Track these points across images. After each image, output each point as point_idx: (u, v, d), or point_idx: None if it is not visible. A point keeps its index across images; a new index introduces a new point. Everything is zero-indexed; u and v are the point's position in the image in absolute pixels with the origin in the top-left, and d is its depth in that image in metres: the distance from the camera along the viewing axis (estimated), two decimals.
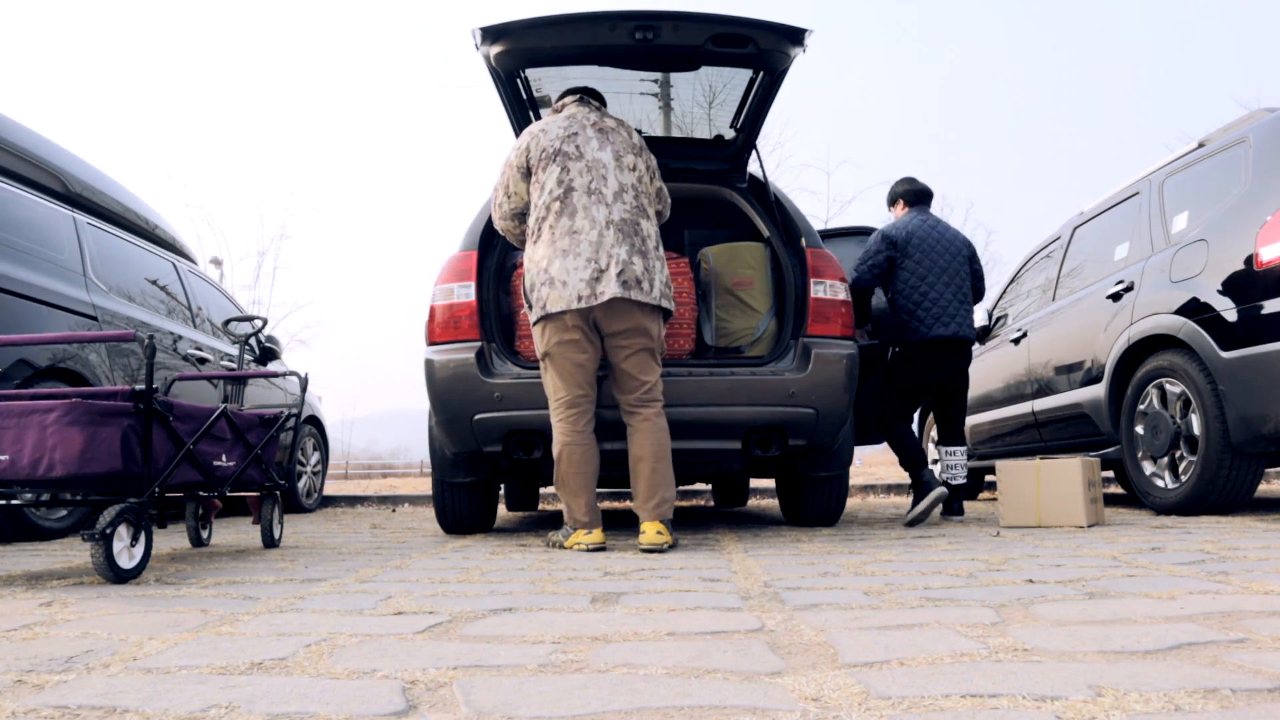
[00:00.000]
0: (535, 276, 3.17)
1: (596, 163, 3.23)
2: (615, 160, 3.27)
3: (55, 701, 1.20)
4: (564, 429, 3.19)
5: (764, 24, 3.36)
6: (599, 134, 3.29)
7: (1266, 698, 1.12)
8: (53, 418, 2.40)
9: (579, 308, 3.09)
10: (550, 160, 3.22)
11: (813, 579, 2.30)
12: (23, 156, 4.51)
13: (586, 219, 3.15)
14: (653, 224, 3.28)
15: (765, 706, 1.13)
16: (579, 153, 3.23)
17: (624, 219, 3.18)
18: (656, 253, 3.23)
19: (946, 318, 4.49)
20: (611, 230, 3.15)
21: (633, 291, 3.10)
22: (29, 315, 3.96)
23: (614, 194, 3.20)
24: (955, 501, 4.66)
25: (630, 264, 3.13)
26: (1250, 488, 3.99)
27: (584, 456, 3.18)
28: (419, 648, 1.52)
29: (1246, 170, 4.02)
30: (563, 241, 3.13)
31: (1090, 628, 1.57)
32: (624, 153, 3.31)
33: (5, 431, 2.40)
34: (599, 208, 3.17)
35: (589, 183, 3.19)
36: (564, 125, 3.29)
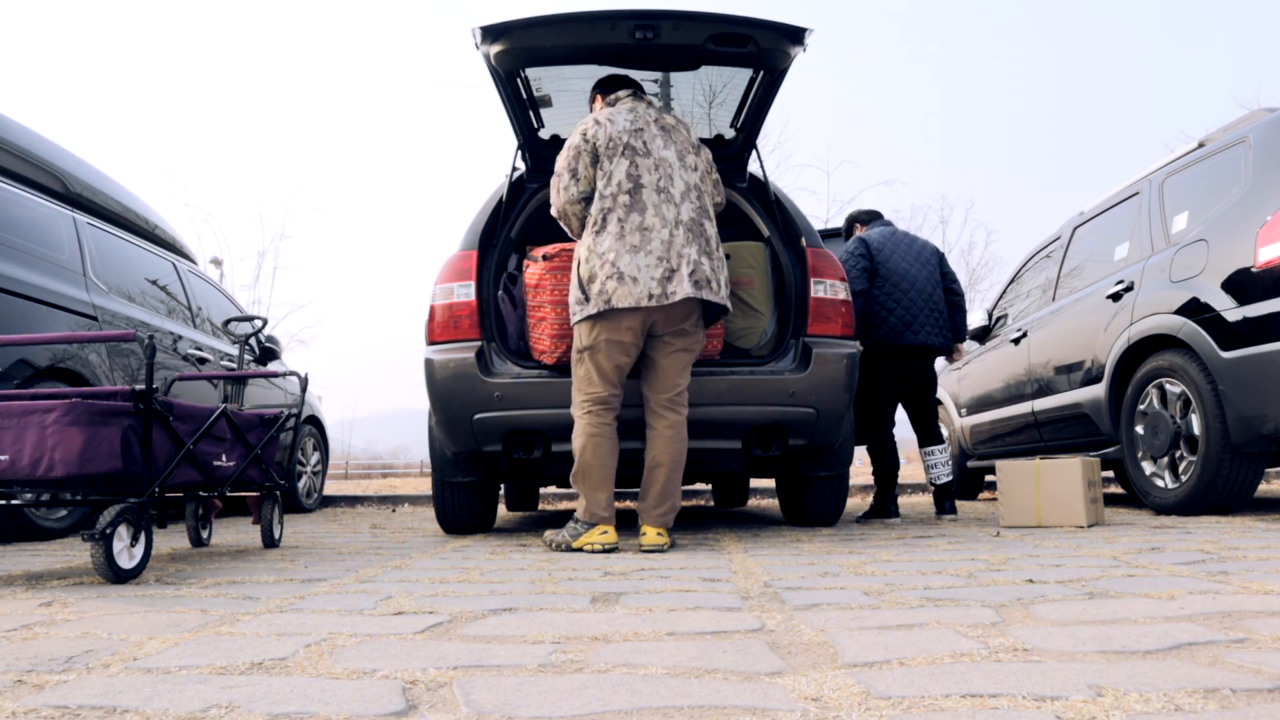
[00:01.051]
0: (598, 268, 3.08)
1: (663, 161, 3.20)
2: (679, 160, 3.24)
3: (55, 701, 1.20)
4: (592, 422, 3.16)
5: (764, 23, 3.36)
6: (662, 131, 3.26)
7: (1266, 698, 1.12)
8: (53, 418, 2.40)
9: (649, 306, 3.05)
10: (618, 152, 3.16)
11: (813, 579, 2.30)
12: (23, 156, 4.51)
13: (657, 217, 3.11)
14: (714, 225, 3.27)
15: (765, 706, 1.13)
16: (646, 149, 3.19)
17: (691, 219, 3.17)
18: (719, 254, 3.23)
19: (916, 326, 4.63)
20: (681, 230, 3.13)
21: (704, 291, 3.10)
22: (29, 315, 3.96)
23: (680, 194, 3.18)
24: (946, 500, 4.70)
25: (700, 264, 3.12)
26: (1250, 488, 3.99)
27: (609, 450, 3.16)
28: (419, 648, 1.52)
29: (1246, 170, 4.02)
30: (633, 237, 3.08)
31: (1090, 628, 1.57)
32: (686, 152, 3.29)
33: (5, 431, 2.40)
34: (668, 207, 3.14)
35: (657, 180, 3.16)
36: (628, 118, 3.23)
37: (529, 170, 4.18)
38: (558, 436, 3.54)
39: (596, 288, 3.07)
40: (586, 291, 3.10)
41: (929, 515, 5.04)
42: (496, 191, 4.04)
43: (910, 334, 4.61)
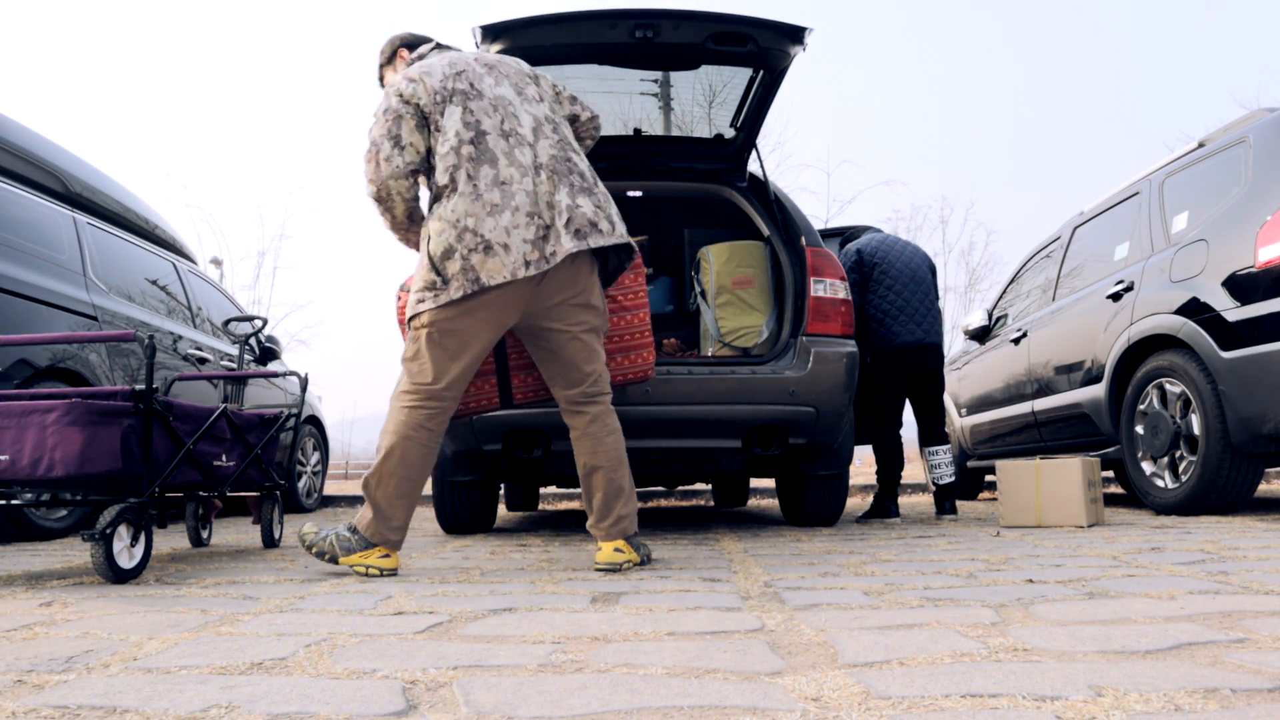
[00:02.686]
0: (457, 240, 2.47)
1: (500, 100, 2.62)
2: (518, 93, 2.68)
3: (55, 701, 1.20)
4: (415, 420, 2.55)
5: (764, 22, 3.36)
6: (486, 68, 2.69)
7: (1266, 698, 1.12)
8: (53, 418, 2.40)
9: (529, 275, 2.48)
10: (446, 101, 2.57)
11: (813, 579, 2.30)
12: (23, 156, 4.51)
13: (513, 166, 2.54)
14: (583, 156, 2.73)
15: (765, 706, 1.13)
16: (476, 90, 2.61)
17: (553, 157, 2.60)
18: (600, 188, 2.69)
19: (915, 324, 4.67)
20: (544, 174, 2.56)
21: (592, 238, 2.55)
22: (29, 315, 3.96)
23: (531, 130, 2.62)
24: (947, 500, 4.71)
25: (578, 208, 2.56)
26: (1250, 488, 3.99)
27: (424, 460, 2.58)
28: (419, 648, 1.52)
29: (1246, 170, 4.01)
30: (491, 195, 2.49)
31: (1090, 628, 1.57)
32: (523, 84, 2.71)
33: (5, 431, 2.41)
34: (521, 150, 2.57)
35: (500, 123, 2.58)
36: (444, 64, 2.64)
37: None
38: (558, 435, 3.54)
39: (457, 264, 2.47)
40: (442, 271, 2.49)
41: (929, 515, 5.04)
42: None
43: (920, 331, 4.66)
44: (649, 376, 3.13)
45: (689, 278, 4.71)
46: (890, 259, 4.74)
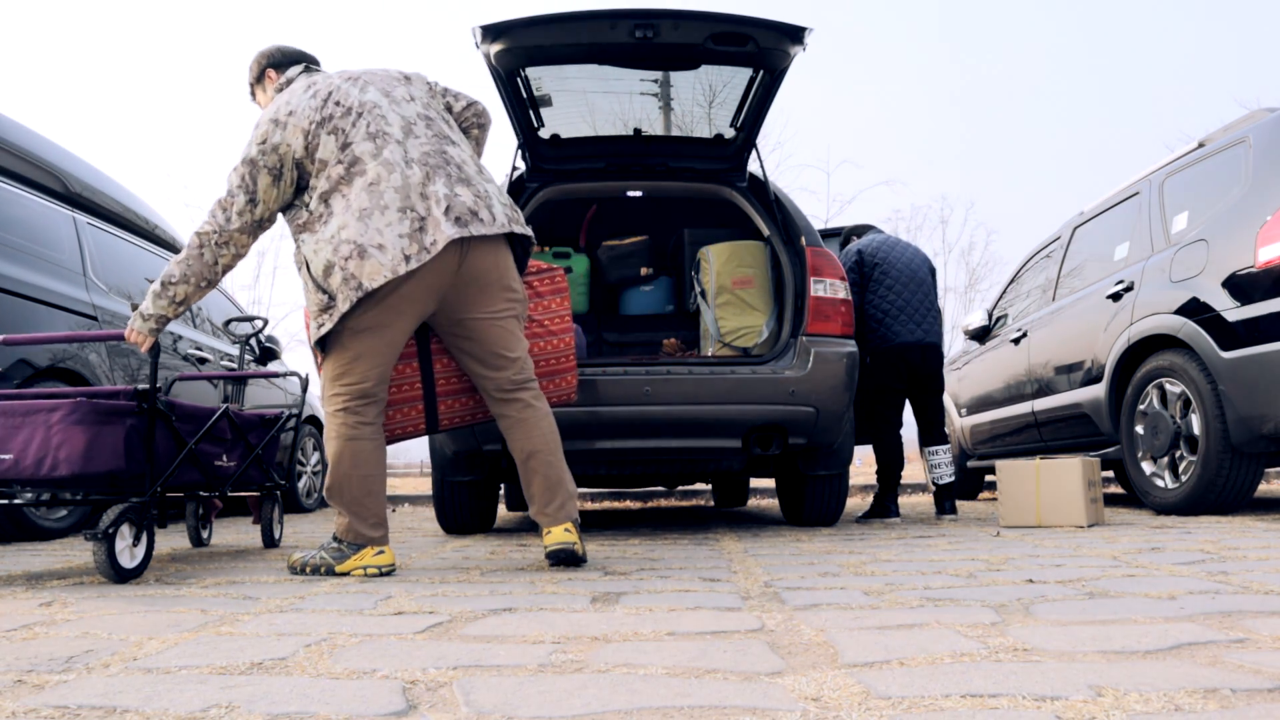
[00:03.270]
0: (333, 253, 2.43)
1: (365, 105, 2.57)
2: (385, 96, 2.61)
3: (55, 701, 1.20)
4: (350, 422, 2.53)
5: (764, 22, 3.36)
6: (349, 82, 2.61)
7: (1266, 698, 1.12)
8: (57, 417, 2.40)
9: (410, 270, 2.42)
10: (318, 134, 2.51)
11: (813, 579, 2.30)
12: (23, 156, 4.51)
13: (381, 166, 2.48)
14: (463, 148, 2.66)
15: (765, 706, 1.13)
16: (342, 106, 2.55)
17: (426, 152, 2.54)
18: (482, 176, 2.63)
19: (915, 324, 4.68)
20: (416, 168, 2.50)
21: (472, 226, 2.48)
22: (29, 315, 3.96)
23: (401, 129, 2.56)
24: (947, 500, 4.72)
25: (456, 196, 2.50)
26: (1250, 488, 3.99)
27: (375, 455, 2.57)
28: (419, 648, 1.52)
29: (1246, 170, 4.02)
30: (360, 199, 2.45)
31: (1090, 628, 1.57)
32: (391, 87, 2.66)
33: (8, 431, 2.41)
34: (391, 149, 2.51)
35: (366, 127, 2.53)
36: (307, 95, 2.57)
37: (529, 169, 4.18)
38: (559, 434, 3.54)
39: (338, 278, 2.43)
40: (327, 288, 2.46)
41: (929, 515, 5.05)
42: None
43: (921, 331, 4.67)
44: (571, 400, 3.15)
45: (689, 278, 4.71)
46: (891, 259, 4.75)
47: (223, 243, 2.54)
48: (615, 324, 5.04)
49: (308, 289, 2.54)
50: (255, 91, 2.85)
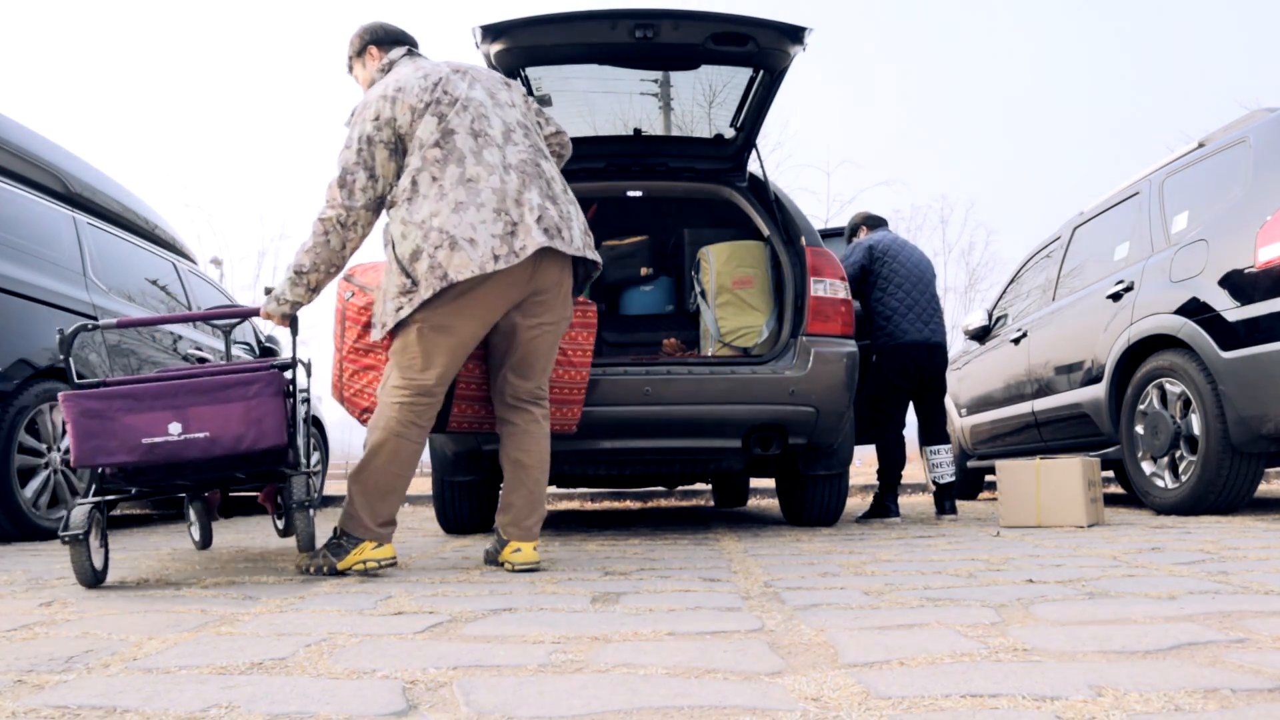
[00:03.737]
0: (423, 240, 2.45)
1: (471, 101, 2.60)
2: (490, 97, 2.65)
3: (55, 701, 1.20)
4: (403, 419, 2.53)
5: (764, 22, 3.36)
6: (459, 75, 2.65)
7: (1266, 698, 1.12)
8: (255, 390, 2.38)
9: (498, 269, 2.44)
10: (422, 115, 2.54)
11: (813, 579, 2.30)
12: (23, 156, 4.51)
13: (480, 165, 2.52)
14: (553, 165, 2.73)
15: (765, 706, 1.13)
16: (450, 95, 2.58)
17: (523, 160, 2.59)
18: (567, 196, 2.68)
19: (921, 323, 4.69)
20: (514, 174, 2.55)
21: (556, 240, 2.52)
22: (29, 315, 3.96)
23: (502, 134, 2.60)
24: (947, 500, 4.72)
25: (545, 209, 2.55)
26: (1250, 488, 3.99)
27: (412, 459, 2.57)
28: (419, 648, 1.52)
29: (1246, 170, 4.01)
30: (456, 193, 2.48)
31: (1090, 628, 1.57)
32: (495, 89, 2.69)
33: (200, 408, 2.34)
34: (490, 150, 2.55)
35: (470, 123, 2.56)
36: (418, 76, 2.60)
37: None
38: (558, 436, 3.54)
39: (424, 264, 2.44)
40: (411, 272, 2.47)
41: (929, 515, 5.05)
42: None
43: (929, 330, 4.69)
44: (570, 431, 3.25)
45: (689, 278, 4.71)
46: (901, 258, 4.77)
47: (350, 224, 2.54)
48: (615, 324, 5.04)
49: (390, 269, 2.54)
50: (354, 65, 2.85)
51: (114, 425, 2.30)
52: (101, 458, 2.29)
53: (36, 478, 3.93)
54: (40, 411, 3.94)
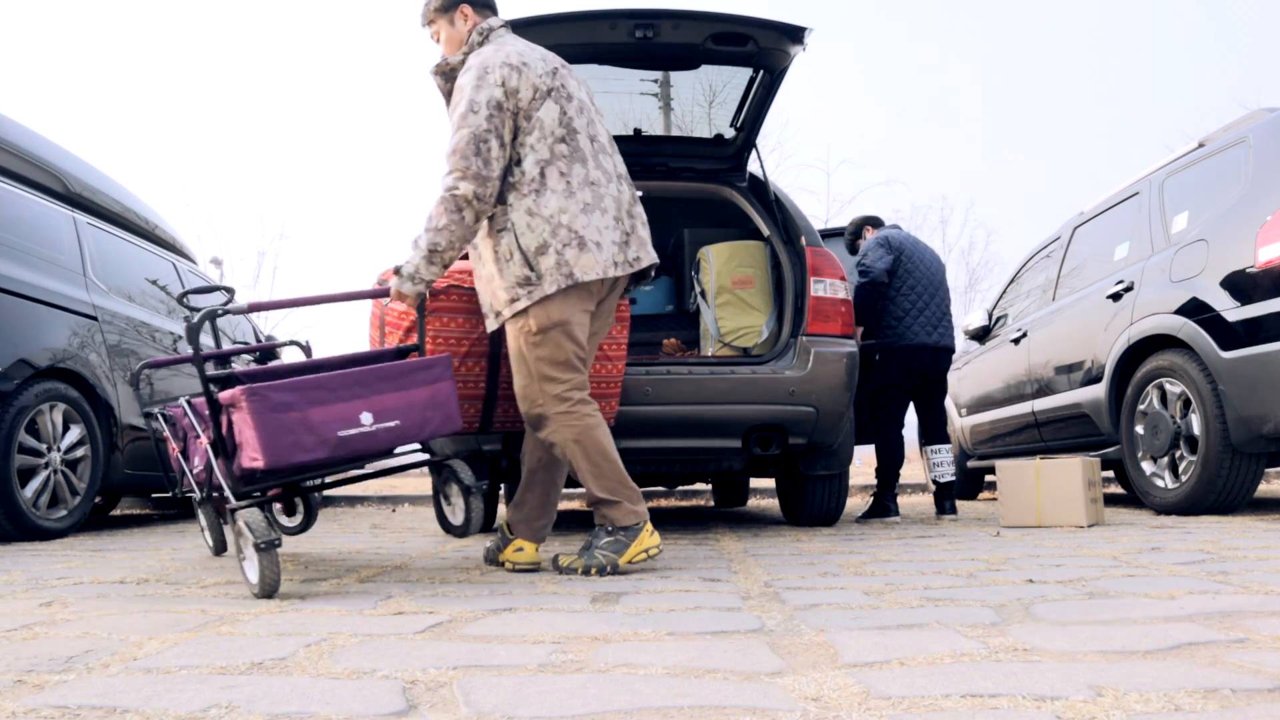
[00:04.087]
0: (552, 235, 2.44)
1: (584, 105, 2.61)
2: (591, 103, 2.68)
3: (55, 701, 1.20)
4: (584, 411, 2.52)
5: (764, 22, 3.36)
6: (565, 69, 2.64)
7: (1266, 698, 1.12)
8: (436, 374, 2.34)
9: (616, 275, 2.52)
10: (545, 97, 2.50)
11: (813, 579, 2.30)
12: (23, 156, 4.51)
13: (599, 170, 2.55)
14: None
15: (765, 706, 1.13)
16: (566, 91, 2.56)
17: (622, 174, 2.65)
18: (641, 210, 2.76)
19: (931, 326, 4.68)
20: (625, 185, 2.61)
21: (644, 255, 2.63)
22: (29, 315, 3.96)
23: (608, 142, 2.65)
24: (947, 500, 4.72)
25: (645, 223, 2.66)
26: (1250, 488, 3.99)
27: (608, 433, 2.56)
28: (419, 648, 1.52)
29: (1246, 170, 4.01)
30: (584, 194, 2.49)
31: (1090, 628, 1.57)
32: (592, 95, 2.73)
33: (384, 395, 2.26)
34: (604, 157, 2.59)
35: (586, 125, 2.58)
36: (539, 56, 2.56)
37: None
38: None
39: (551, 260, 2.44)
40: (535, 266, 2.45)
41: (929, 515, 5.05)
42: None
43: (938, 334, 4.70)
44: (609, 425, 3.16)
45: (689, 278, 4.71)
46: (915, 258, 4.75)
47: (486, 196, 2.43)
48: None
49: (509, 259, 2.48)
50: (436, 18, 2.66)
51: (307, 419, 2.13)
52: (297, 455, 2.11)
53: (36, 478, 3.93)
54: (40, 411, 3.94)
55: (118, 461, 4.47)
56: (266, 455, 2.08)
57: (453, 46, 2.65)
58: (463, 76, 2.50)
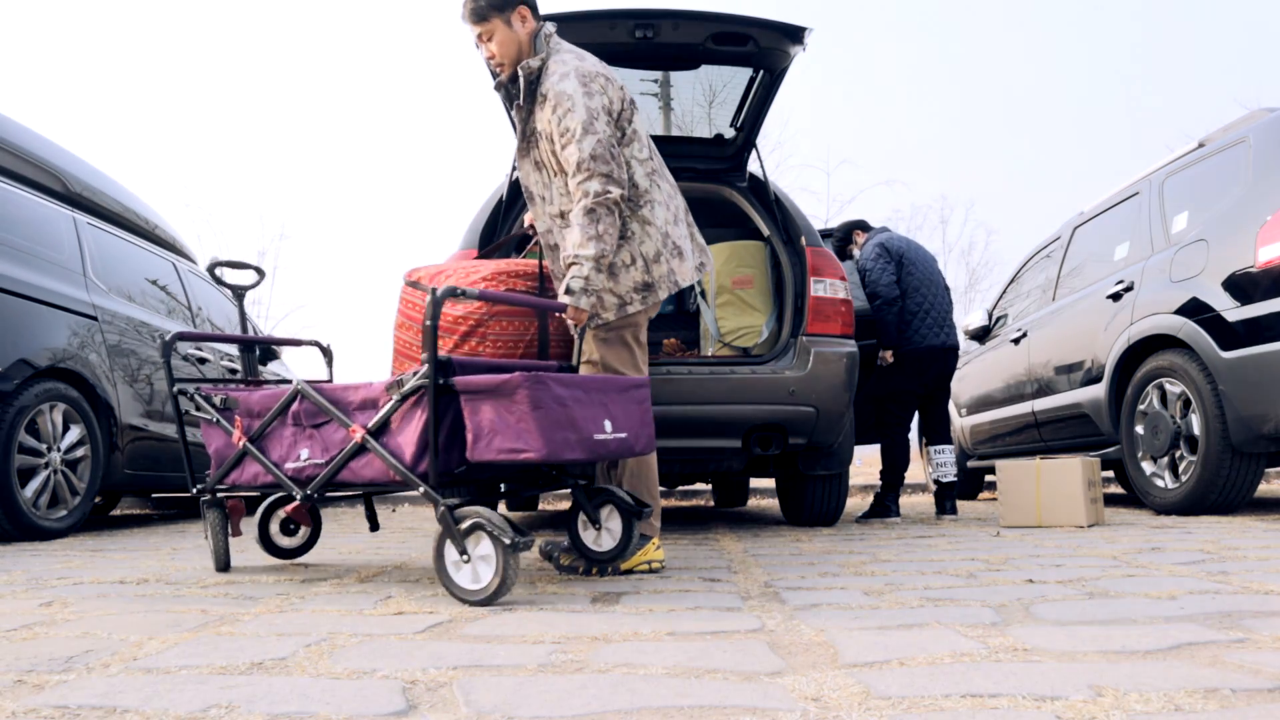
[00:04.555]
0: (662, 244, 2.55)
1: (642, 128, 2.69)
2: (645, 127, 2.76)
3: (55, 701, 1.20)
4: None
5: (764, 22, 3.36)
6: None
7: (1266, 698, 1.12)
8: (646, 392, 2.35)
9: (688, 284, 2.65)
10: (629, 109, 2.59)
11: (813, 579, 2.30)
12: (23, 156, 4.51)
13: (668, 183, 2.68)
14: None
15: (765, 706, 1.13)
16: (632, 109, 2.62)
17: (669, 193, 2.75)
18: None
19: (938, 327, 4.70)
20: (681, 199, 2.74)
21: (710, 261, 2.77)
22: (29, 315, 3.96)
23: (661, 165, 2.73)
24: (948, 500, 4.72)
25: None
26: (1250, 487, 3.99)
27: None
28: (419, 648, 1.52)
29: (1246, 170, 4.02)
30: (671, 204, 2.64)
31: (1090, 628, 1.57)
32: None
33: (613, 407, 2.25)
34: (667, 172, 2.71)
35: (649, 144, 2.68)
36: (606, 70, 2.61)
37: None
38: None
39: (664, 268, 2.55)
40: (651, 274, 2.55)
41: (929, 515, 5.05)
42: (496, 191, 4.04)
43: (945, 335, 4.71)
44: None
45: None
46: (916, 260, 4.76)
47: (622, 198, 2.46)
48: None
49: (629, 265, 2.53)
50: (493, 18, 2.54)
51: (574, 416, 2.11)
52: (566, 453, 2.07)
53: (36, 478, 3.93)
54: (40, 411, 3.94)
55: (118, 461, 4.47)
56: (543, 447, 2.01)
57: (507, 49, 2.56)
58: (562, 82, 2.46)
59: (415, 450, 2.14)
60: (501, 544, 1.96)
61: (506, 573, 1.97)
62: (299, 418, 2.36)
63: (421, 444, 2.14)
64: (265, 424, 2.42)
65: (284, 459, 2.39)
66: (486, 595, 1.98)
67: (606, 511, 2.47)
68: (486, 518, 2.00)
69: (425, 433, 2.12)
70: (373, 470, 2.22)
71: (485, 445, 2.06)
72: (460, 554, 2.01)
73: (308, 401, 2.33)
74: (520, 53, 2.55)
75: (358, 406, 2.25)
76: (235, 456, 2.48)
